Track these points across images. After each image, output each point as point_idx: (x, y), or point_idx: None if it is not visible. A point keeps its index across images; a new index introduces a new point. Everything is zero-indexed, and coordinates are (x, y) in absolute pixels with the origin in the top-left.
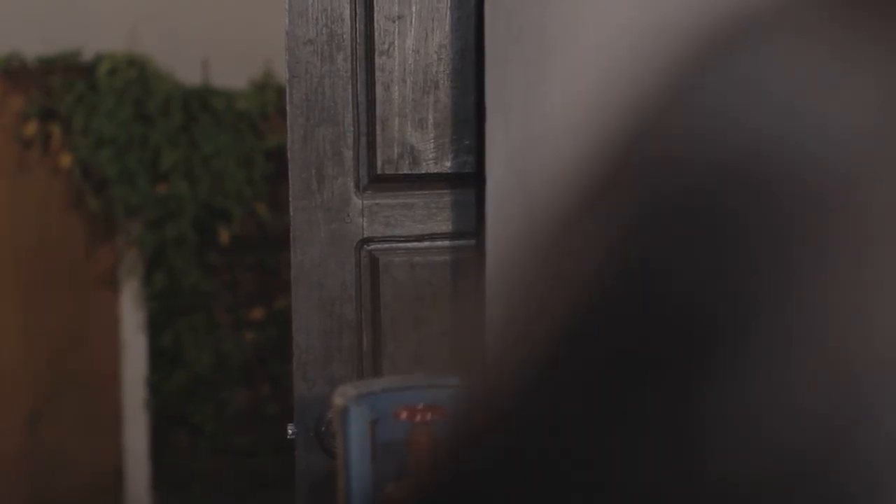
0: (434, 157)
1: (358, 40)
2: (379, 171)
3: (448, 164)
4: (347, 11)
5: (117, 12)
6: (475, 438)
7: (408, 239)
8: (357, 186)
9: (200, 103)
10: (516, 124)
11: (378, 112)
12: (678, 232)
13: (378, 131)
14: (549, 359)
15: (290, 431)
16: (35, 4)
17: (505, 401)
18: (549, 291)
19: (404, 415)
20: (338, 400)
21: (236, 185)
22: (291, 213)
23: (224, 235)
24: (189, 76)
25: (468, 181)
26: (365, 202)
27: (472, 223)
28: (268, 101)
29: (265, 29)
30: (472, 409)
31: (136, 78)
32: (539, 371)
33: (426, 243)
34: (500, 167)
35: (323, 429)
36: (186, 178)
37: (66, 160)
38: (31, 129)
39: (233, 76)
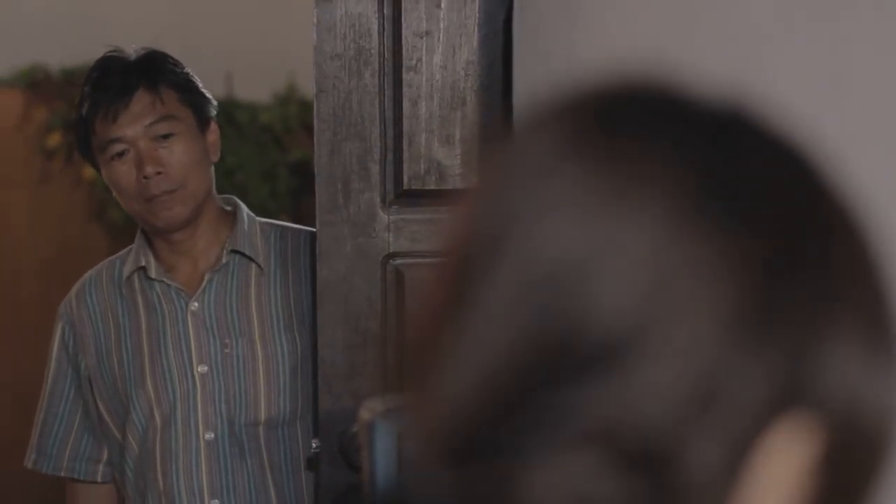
0: (460, 173)
1: (386, 56)
2: (405, 187)
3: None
4: (375, 27)
5: (140, 24)
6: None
7: (433, 254)
8: (383, 201)
9: (224, 116)
10: None
11: (405, 127)
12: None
13: (405, 147)
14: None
15: (314, 445)
16: (58, 17)
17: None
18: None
19: None
20: (365, 414)
21: (259, 198)
22: (318, 228)
23: None
24: (212, 89)
25: None
26: (391, 217)
27: None
28: (291, 114)
29: (289, 42)
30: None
31: None
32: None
33: None
34: None
35: (347, 443)
36: None
37: (88, 172)
38: (54, 140)
39: (256, 89)
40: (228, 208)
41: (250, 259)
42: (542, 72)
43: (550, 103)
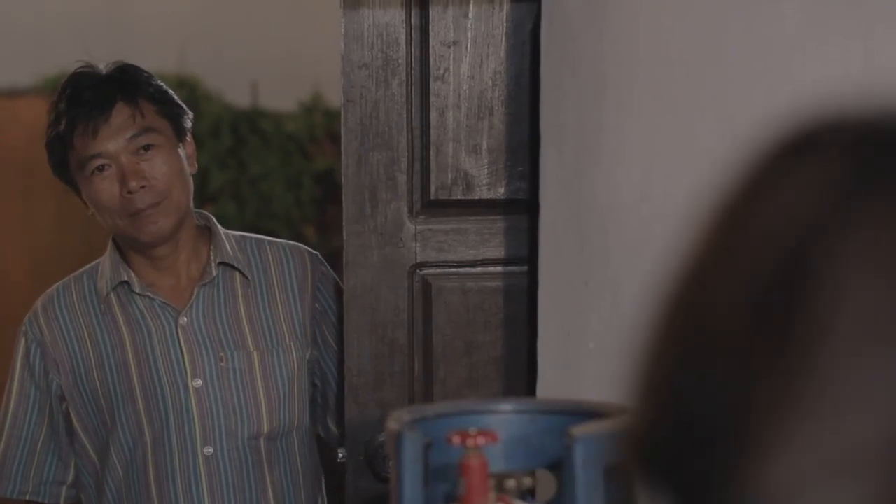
0: (487, 183)
1: (413, 65)
2: (432, 196)
3: (501, 189)
4: (403, 37)
5: (167, 33)
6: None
7: (460, 264)
8: (410, 211)
9: (249, 125)
10: (570, 152)
11: (432, 137)
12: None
13: (432, 156)
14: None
15: (340, 455)
16: (84, 25)
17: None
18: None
19: (456, 439)
20: (392, 424)
21: (284, 207)
22: (345, 237)
23: None
24: (238, 98)
25: (521, 207)
26: (418, 227)
27: (524, 249)
28: (316, 123)
29: (314, 51)
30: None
31: (186, 99)
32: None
33: (478, 268)
34: (553, 194)
35: (374, 453)
36: (234, 200)
37: None
38: None
39: (281, 98)
40: (201, 222)
41: (234, 270)
42: (569, 82)
43: (817, 125)
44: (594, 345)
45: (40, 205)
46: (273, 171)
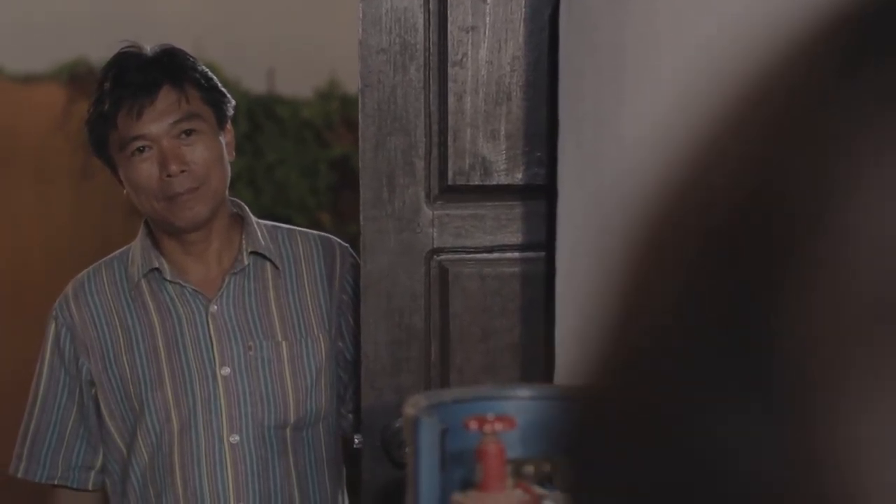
0: (505, 169)
1: (431, 50)
2: (450, 182)
3: (519, 175)
4: (421, 21)
5: (184, 20)
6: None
7: (477, 250)
8: (428, 196)
9: (265, 111)
10: (588, 138)
11: (450, 122)
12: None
13: (450, 142)
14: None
15: (356, 441)
16: (101, 11)
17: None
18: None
19: (474, 425)
20: (409, 410)
21: (300, 194)
22: (362, 223)
23: None
24: (254, 84)
25: (539, 193)
26: (435, 212)
27: (542, 235)
28: (332, 110)
29: (330, 38)
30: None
31: None
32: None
33: (496, 254)
34: (571, 180)
35: (390, 438)
36: (250, 187)
37: None
38: None
39: (298, 85)
40: (234, 210)
41: (265, 259)
42: (588, 67)
43: None
44: None
45: (55, 189)
46: (289, 158)
